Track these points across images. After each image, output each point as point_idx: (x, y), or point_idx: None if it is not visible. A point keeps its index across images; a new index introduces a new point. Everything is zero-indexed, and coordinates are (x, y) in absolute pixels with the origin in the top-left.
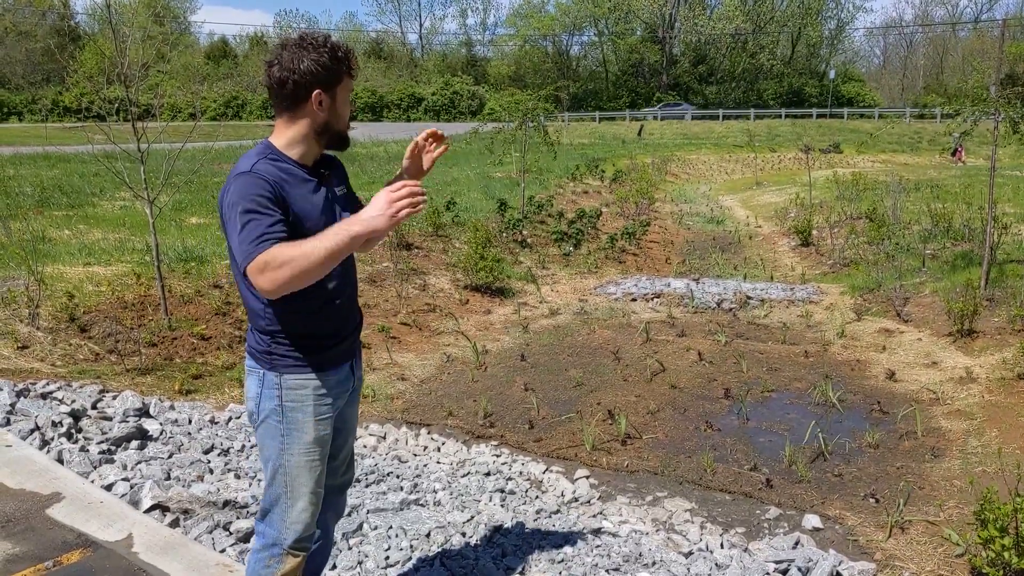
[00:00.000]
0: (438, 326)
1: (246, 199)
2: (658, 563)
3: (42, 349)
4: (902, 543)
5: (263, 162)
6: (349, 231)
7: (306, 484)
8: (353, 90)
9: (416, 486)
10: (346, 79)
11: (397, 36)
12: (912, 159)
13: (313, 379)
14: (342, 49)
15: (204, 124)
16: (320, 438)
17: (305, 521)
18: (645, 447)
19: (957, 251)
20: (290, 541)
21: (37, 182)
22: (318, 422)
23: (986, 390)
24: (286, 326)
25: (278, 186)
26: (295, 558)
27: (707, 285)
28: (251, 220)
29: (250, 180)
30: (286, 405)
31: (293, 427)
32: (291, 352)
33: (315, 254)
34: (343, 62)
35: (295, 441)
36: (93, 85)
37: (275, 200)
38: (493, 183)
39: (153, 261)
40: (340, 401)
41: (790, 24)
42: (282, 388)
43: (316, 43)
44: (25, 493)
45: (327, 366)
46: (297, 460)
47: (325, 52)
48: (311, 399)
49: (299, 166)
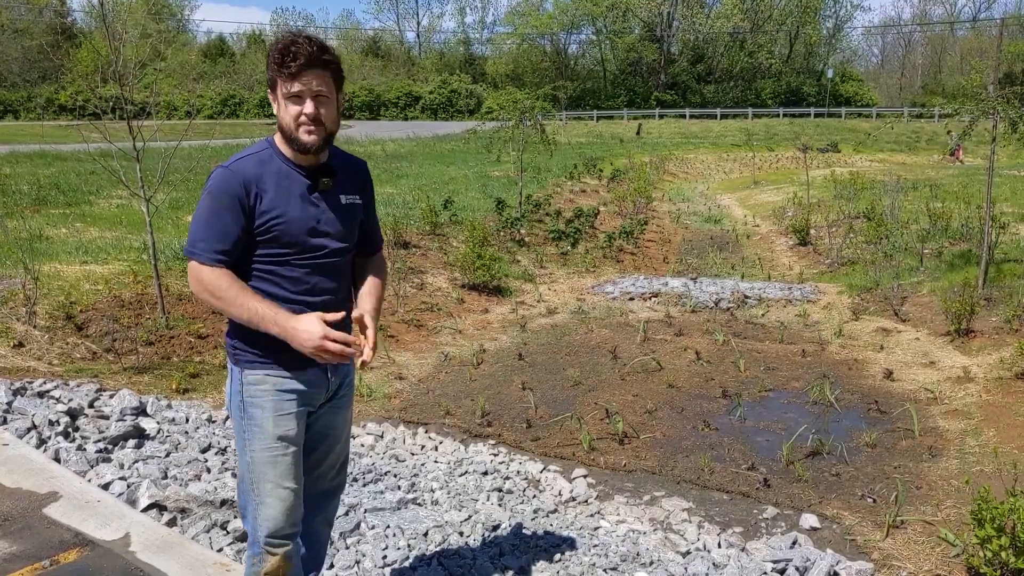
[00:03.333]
0: (436, 325)
1: (214, 195)
2: (656, 562)
3: (39, 347)
4: (899, 542)
5: (248, 159)
6: (271, 323)
7: (270, 480)
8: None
9: (414, 485)
10: (280, 81)
11: (395, 34)
12: (910, 158)
13: (273, 376)
14: (277, 47)
15: (200, 122)
16: (284, 436)
17: (274, 518)
18: (643, 446)
19: (955, 250)
20: (263, 539)
21: (33, 180)
22: (279, 418)
23: (984, 390)
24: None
25: (252, 184)
26: (272, 556)
27: (705, 284)
28: (211, 216)
29: (222, 176)
30: (246, 400)
31: (253, 423)
32: (251, 348)
33: (239, 312)
34: (271, 58)
35: (255, 437)
36: (89, 83)
37: (238, 201)
38: (491, 182)
39: (150, 259)
40: (313, 403)
41: (788, 23)
42: (243, 384)
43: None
44: (22, 492)
45: (292, 365)
46: (259, 456)
47: (271, 52)
48: (270, 395)
49: (292, 165)
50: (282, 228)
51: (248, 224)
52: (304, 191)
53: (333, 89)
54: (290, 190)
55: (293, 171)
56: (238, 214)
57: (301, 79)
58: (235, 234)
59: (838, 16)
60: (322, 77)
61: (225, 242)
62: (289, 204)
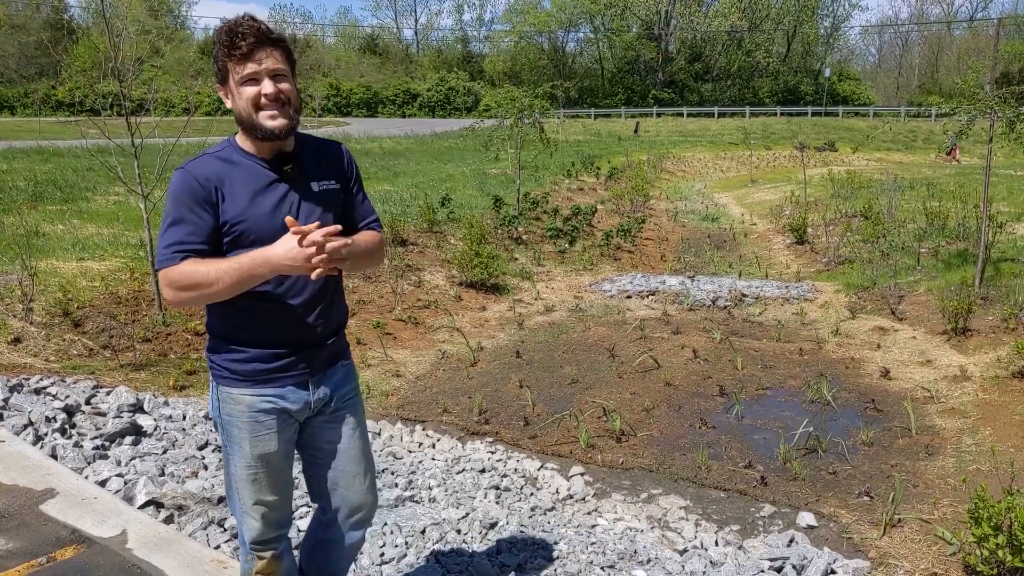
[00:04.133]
0: (433, 322)
1: (172, 198)
2: (653, 560)
3: (36, 344)
4: (896, 541)
5: (205, 158)
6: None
7: (249, 497)
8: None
9: (411, 483)
10: (231, 65)
11: (392, 32)
12: (907, 157)
13: (247, 396)
14: (222, 31)
15: (198, 119)
16: (262, 455)
17: (256, 528)
18: (640, 444)
19: (952, 249)
20: (248, 544)
21: (30, 176)
22: (255, 439)
23: (980, 388)
24: (224, 330)
25: (212, 183)
26: (260, 559)
27: (702, 282)
28: (171, 223)
29: (178, 178)
30: (224, 419)
31: (231, 441)
32: (227, 362)
33: (223, 282)
34: (218, 44)
35: (234, 454)
36: (87, 79)
37: (202, 200)
38: (488, 180)
39: (147, 256)
40: (297, 416)
41: (786, 22)
42: (220, 400)
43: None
44: (19, 489)
45: (268, 382)
46: (239, 473)
47: (216, 38)
48: (246, 416)
49: (254, 159)
50: (246, 226)
51: (215, 221)
52: (268, 184)
53: (289, 69)
54: (252, 185)
55: (254, 164)
56: (202, 212)
57: (254, 58)
58: (202, 228)
59: (835, 15)
60: (275, 55)
61: (187, 236)
62: (252, 200)
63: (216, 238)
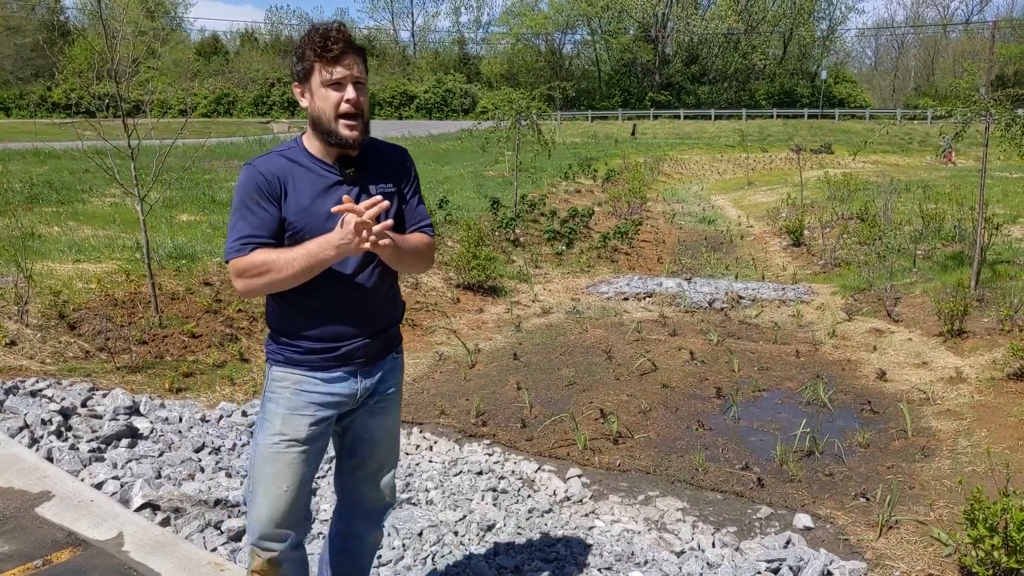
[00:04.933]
0: (430, 324)
1: (239, 193)
2: (650, 562)
3: (31, 346)
4: (892, 542)
5: (272, 155)
6: (320, 249)
7: (266, 475)
8: (337, 77)
9: (408, 485)
10: (320, 67)
11: (389, 33)
12: (903, 160)
13: (295, 374)
14: (317, 33)
15: (195, 121)
16: (290, 434)
17: (260, 519)
18: (637, 446)
19: (948, 252)
20: (252, 538)
21: (26, 178)
22: (289, 415)
23: (976, 390)
24: (280, 324)
25: (276, 179)
26: (259, 558)
27: (699, 284)
28: (240, 218)
29: (245, 173)
30: (266, 395)
31: (265, 416)
32: (282, 350)
33: (291, 269)
34: (309, 45)
35: (263, 430)
36: (83, 81)
37: (267, 194)
38: (486, 182)
39: (143, 258)
40: (339, 407)
41: (782, 24)
42: (268, 380)
43: (307, 32)
44: (14, 491)
45: (320, 368)
46: (261, 450)
47: (303, 40)
48: (288, 392)
49: (316, 161)
50: (304, 224)
51: (280, 214)
52: (329, 186)
53: (365, 79)
54: (315, 186)
55: (318, 166)
56: (268, 205)
57: (343, 62)
58: (268, 222)
59: (832, 18)
60: (359, 65)
61: (255, 229)
62: (313, 201)
63: (280, 232)
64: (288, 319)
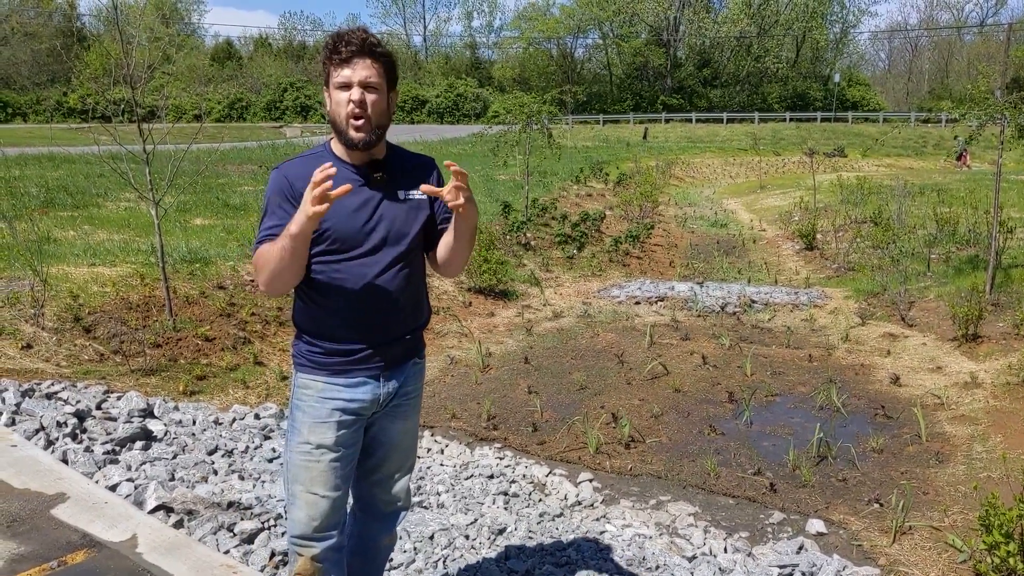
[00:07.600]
0: (441, 328)
1: (266, 196)
2: (661, 567)
3: (47, 349)
4: (906, 548)
5: (299, 160)
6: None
7: (301, 483)
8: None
9: (419, 488)
10: (331, 69)
11: (401, 38)
12: (917, 163)
13: (319, 381)
14: (330, 36)
15: (209, 125)
16: (319, 442)
17: (299, 521)
18: (648, 450)
19: (962, 256)
20: (290, 538)
21: (42, 183)
22: (316, 424)
23: (991, 395)
24: (304, 323)
25: (300, 179)
26: (300, 556)
27: (711, 288)
28: (264, 217)
29: (272, 177)
30: (293, 403)
31: (294, 424)
32: (307, 352)
33: (277, 256)
34: (324, 48)
35: (293, 438)
36: (98, 86)
37: (290, 197)
38: (497, 185)
39: (158, 262)
40: (363, 412)
41: (795, 27)
42: (295, 386)
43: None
44: (30, 493)
45: (343, 372)
46: (294, 458)
47: (325, 42)
48: (313, 401)
49: (345, 164)
50: (332, 223)
51: None
52: (355, 187)
53: (384, 82)
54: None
55: (344, 169)
56: (290, 208)
57: (351, 64)
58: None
59: (845, 21)
60: (373, 68)
61: (276, 229)
62: (338, 201)
63: None
64: (311, 318)
